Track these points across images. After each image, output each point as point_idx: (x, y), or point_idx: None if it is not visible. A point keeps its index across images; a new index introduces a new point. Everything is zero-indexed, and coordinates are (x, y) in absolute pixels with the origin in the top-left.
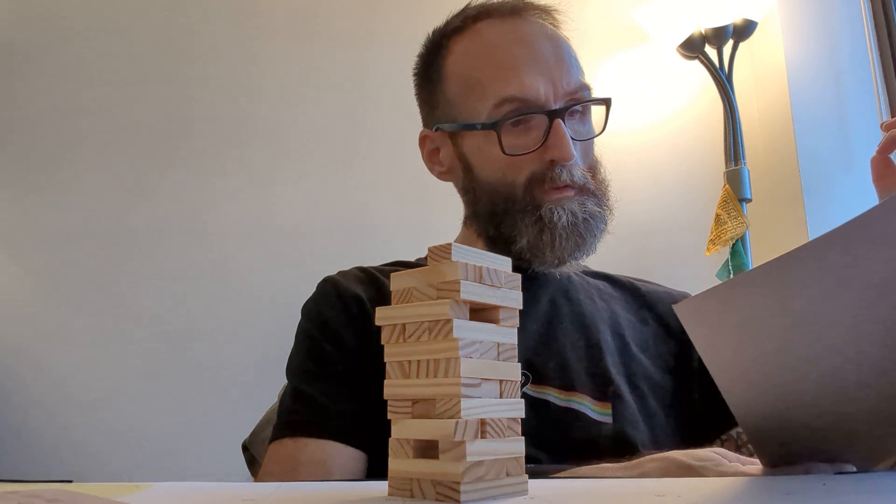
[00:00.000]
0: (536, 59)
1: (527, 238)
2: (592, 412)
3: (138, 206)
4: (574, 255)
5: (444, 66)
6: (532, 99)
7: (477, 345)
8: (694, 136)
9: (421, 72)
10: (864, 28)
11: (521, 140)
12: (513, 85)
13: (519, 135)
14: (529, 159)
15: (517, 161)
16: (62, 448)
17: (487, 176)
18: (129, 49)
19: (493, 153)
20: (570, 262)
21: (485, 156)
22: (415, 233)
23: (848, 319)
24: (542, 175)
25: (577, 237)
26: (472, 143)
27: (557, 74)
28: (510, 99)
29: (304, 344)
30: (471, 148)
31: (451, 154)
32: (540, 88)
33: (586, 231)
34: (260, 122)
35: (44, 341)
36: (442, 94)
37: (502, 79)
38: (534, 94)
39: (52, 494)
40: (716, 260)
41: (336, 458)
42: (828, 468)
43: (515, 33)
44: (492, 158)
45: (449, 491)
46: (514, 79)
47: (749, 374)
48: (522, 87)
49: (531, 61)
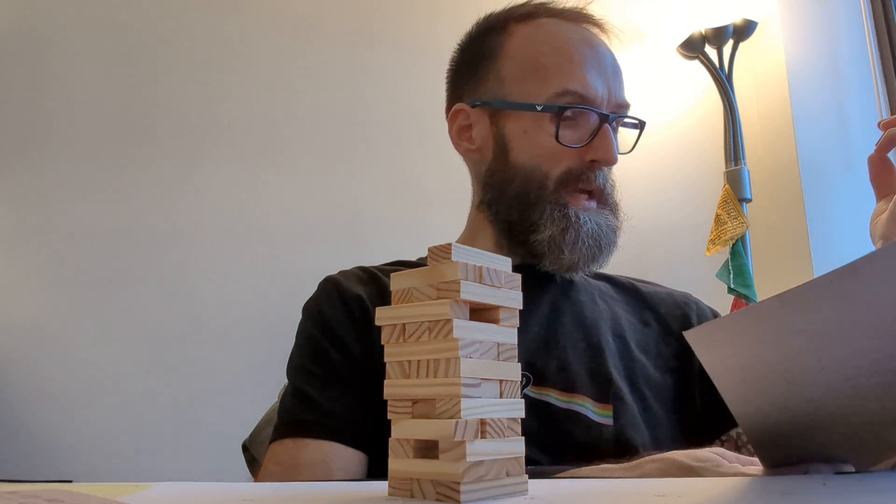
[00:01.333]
0: (599, 63)
1: (550, 231)
2: (594, 414)
3: (136, 206)
4: (588, 264)
5: (505, 44)
6: (591, 98)
7: (477, 345)
8: (694, 136)
9: (470, 47)
10: (864, 28)
11: (568, 134)
12: (577, 78)
13: (568, 128)
14: (569, 154)
15: (558, 153)
16: (62, 448)
17: (526, 161)
18: (123, 46)
19: (540, 138)
20: (581, 271)
21: (530, 140)
22: (415, 233)
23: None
24: (577, 173)
25: (595, 248)
26: (517, 125)
27: (613, 84)
28: (571, 92)
29: (305, 344)
30: (514, 129)
31: (486, 132)
32: (599, 91)
33: (606, 244)
34: (260, 122)
35: (43, 341)
36: (495, 71)
37: (568, 71)
38: (593, 94)
39: (52, 494)
40: (716, 260)
41: (336, 459)
42: (827, 468)
43: (582, 34)
44: (537, 143)
45: (449, 491)
46: (580, 73)
47: (754, 386)
48: (586, 84)
49: (595, 63)
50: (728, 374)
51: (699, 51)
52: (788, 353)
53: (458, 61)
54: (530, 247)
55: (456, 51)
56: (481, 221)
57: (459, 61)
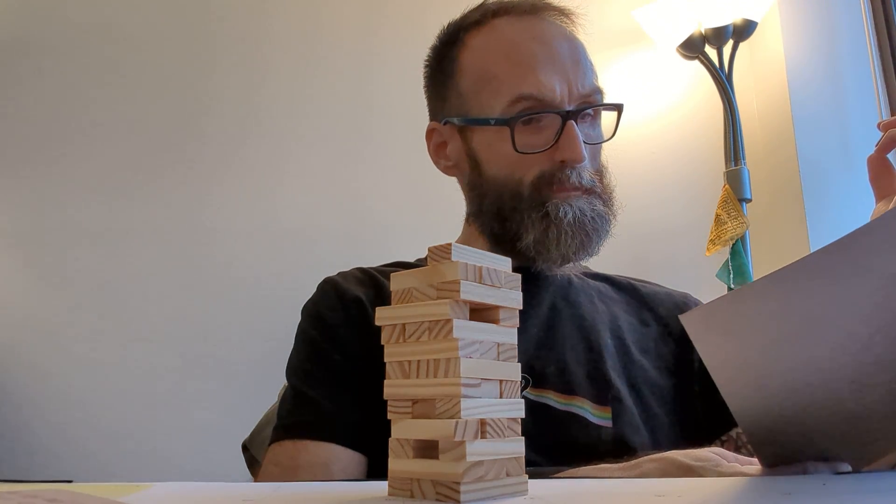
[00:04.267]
0: (553, 59)
1: (532, 235)
2: (592, 416)
3: (140, 206)
4: (578, 254)
5: (459, 59)
6: (548, 98)
7: (477, 345)
8: (694, 136)
9: (433, 64)
10: (864, 28)
11: (532, 139)
12: (529, 83)
13: (531, 133)
14: (539, 159)
15: (527, 159)
16: (62, 448)
17: (496, 172)
18: (135, 50)
19: (504, 150)
20: (575, 262)
21: (494, 152)
22: (415, 233)
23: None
24: (550, 175)
25: (582, 235)
26: (483, 138)
27: (573, 76)
28: (526, 97)
29: (304, 345)
30: (480, 143)
31: (458, 149)
32: (556, 88)
33: (592, 230)
34: (263, 123)
35: (43, 341)
36: (454, 87)
37: (519, 76)
38: (549, 93)
39: (52, 494)
40: (716, 260)
41: (336, 461)
42: (825, 468)
43: (533, 31)
44: (501, 155)
45: (449, 491)
46: (531, 77)
47: (751, 376)
48: (539, 85)
49: (548, 60)
50: (723, 361)
51: (699, 51)
52: (782, 336)
53: (426, 77)
54: (519, 254)
55: (424, 65)
56: (473, 232)
57: (427, 77)
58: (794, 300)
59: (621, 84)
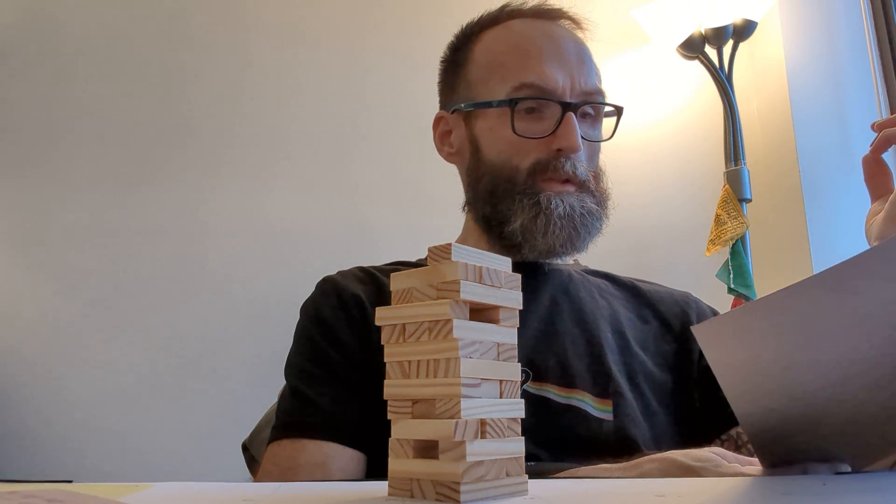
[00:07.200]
0: (560, 55)
1: (521, 220)
2: (593, 409)
3: (137, 207)
4: (566, 246)
5: (472, 51)
6: (549, 89)
7: (477, 345)
8: (694, 136)
9: (448, 58)
10: (864, 28)
11: (532, 125)
12: (533, 72)
13: (531, 121)
14: (536, 146)
15: (524, 146)
16: (62, 448)
17: (493, 157)
18: (127, 49)
19: (503, 133)
20: (561, 255)
21: (494, 136)
22: (414, 233)
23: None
24: (546, 163)
25: (571, 229)
26: (485, 123)
27: (577, 73)
28: (529, 85)
29: (303, 344)
30: (482, 128)
31: (462, 136)
32: (558, 80)
33: (581, 225)
34: (258, 123)
35: (43, 341)
36: (464, 76)
37: (524, 65)
38: (552, 84)
39: (52, 494)
40: (716, 260)
41: (335, 460)
42: (825, 468)
43: (544, 30)
44: (501, 139)
45: (449, 491)
46: (537, 67)
47: (758, 384)
48: (543, 75)
49: (554, 55)
50: (732, 371)
51: (699, 51)
52: (792, 349)
53: (440, 73)
54: (506, 238)
55: (440, 60)
56: (469, 222)
57: (441, 73)
58: (807, 314)
59: (621, 84)
